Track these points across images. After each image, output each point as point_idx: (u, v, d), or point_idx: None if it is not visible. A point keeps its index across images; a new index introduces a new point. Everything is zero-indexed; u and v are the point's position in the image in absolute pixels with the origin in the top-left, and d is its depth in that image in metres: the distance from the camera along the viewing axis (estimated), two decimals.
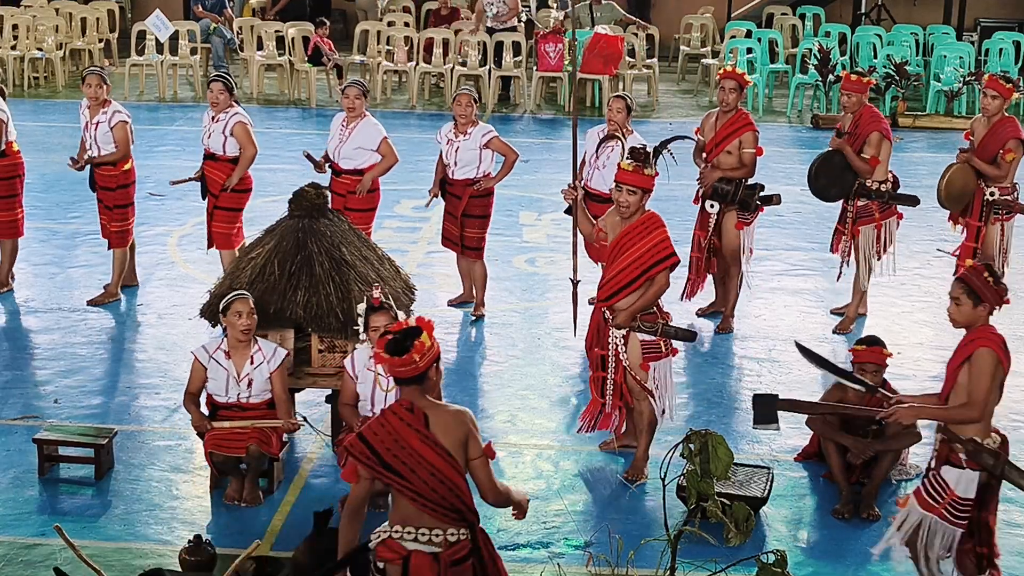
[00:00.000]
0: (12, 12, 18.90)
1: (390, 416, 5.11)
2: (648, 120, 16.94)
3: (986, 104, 9.47)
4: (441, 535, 5.09)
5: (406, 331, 5.13)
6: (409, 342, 5.07)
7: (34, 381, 8.58)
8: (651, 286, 7.16)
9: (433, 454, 5.04)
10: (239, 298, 7.11)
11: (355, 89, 9.70)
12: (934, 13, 21.20)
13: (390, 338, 5.12)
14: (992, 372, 5.84)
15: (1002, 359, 5.87)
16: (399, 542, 5.12)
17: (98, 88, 9.75)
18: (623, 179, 7.19)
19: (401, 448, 5.04)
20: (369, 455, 5.07)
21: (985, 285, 5.94)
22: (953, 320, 6.02)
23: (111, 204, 9.87)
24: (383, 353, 5.09)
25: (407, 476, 5.03)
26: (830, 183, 9.49)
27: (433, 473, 5.02)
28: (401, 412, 5.10)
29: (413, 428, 5.06)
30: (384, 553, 5.14)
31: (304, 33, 18.21)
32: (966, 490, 5.90)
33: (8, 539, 6.59)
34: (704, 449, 5.39)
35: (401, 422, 5.07)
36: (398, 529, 5.12)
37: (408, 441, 5.04)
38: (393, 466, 5.03)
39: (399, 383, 5.15)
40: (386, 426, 5.08)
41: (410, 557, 5.10)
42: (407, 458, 5.03)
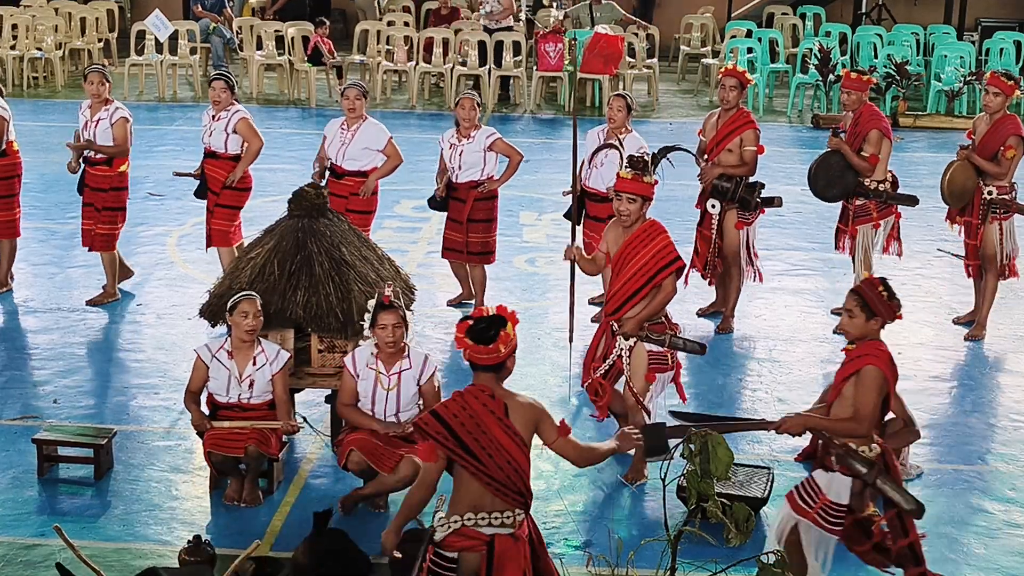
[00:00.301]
0: (12, 12, 18.89)
1: (470, 399, 5.18)
2: (648, 120, 16.94)
3: (988, 101, 9.46)
4: (511, 516, 5.20)
5: (491, 319, 5.21)
6: (495, 331, 5.16)
7: (33, 381, 8.58)
8: (658, 293, 7.14)
9: (510, 442, 5.14)
10: (247, 298, 7.10)
11: (355, 90, 9.69)
12: (934, 13, 21.20)
13: (475, 326, 5.19)
14: (878, 389, 5.87)
15: (888, 376, 5.90)
16: (475, 528, 5.17)
17: (100, 86, 9.73)
18: (622, 188, 7.18)
19: (482, 433, 5.12)
20: (446, 435, 5.12)
21: (879, 299, 5.93)
22: (846, 332, 6.01)
23: (101, 206, 9.83)
24: (466, 339, 5.17)
25: (484, 460, 5.10)
26: (830, 184, 9.48)
27: (509, 461, 5.12)
28: (483, 398, 5.18)
29: (495, 415, 5.15)
30: (460, 542, 5.17)
31: (304, 33, 18.21)
32: (838, 495, 5.85)
33: (8, 539, 6.58)
34: (704, 449, 5.38)
35: (484, 408, 5.15)
36: (471, 516, 5.17)
37: (488, 426, 5.13)
38: (470, 447, 5.10)
39: (477, 369, 5.23)
40: (467, 408, 5.16)
41: (493, 541, 5.15)
42: (486, 443, 5.11)
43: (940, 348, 9.57)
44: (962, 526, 7.02)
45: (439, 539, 5.21)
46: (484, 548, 5.16)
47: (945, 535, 6.91)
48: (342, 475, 7.14)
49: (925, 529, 6.92)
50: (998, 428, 8.28)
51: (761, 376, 8.96)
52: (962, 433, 8.16)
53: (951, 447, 7.96)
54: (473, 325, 5.21)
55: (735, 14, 21.27)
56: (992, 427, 8.29)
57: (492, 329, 5.18)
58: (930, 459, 7.77)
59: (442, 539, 5.21)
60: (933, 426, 8.16)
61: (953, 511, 7.17)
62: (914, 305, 10.43)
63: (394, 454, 6.74)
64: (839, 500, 5.87)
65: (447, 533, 5.19)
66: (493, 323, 5.19)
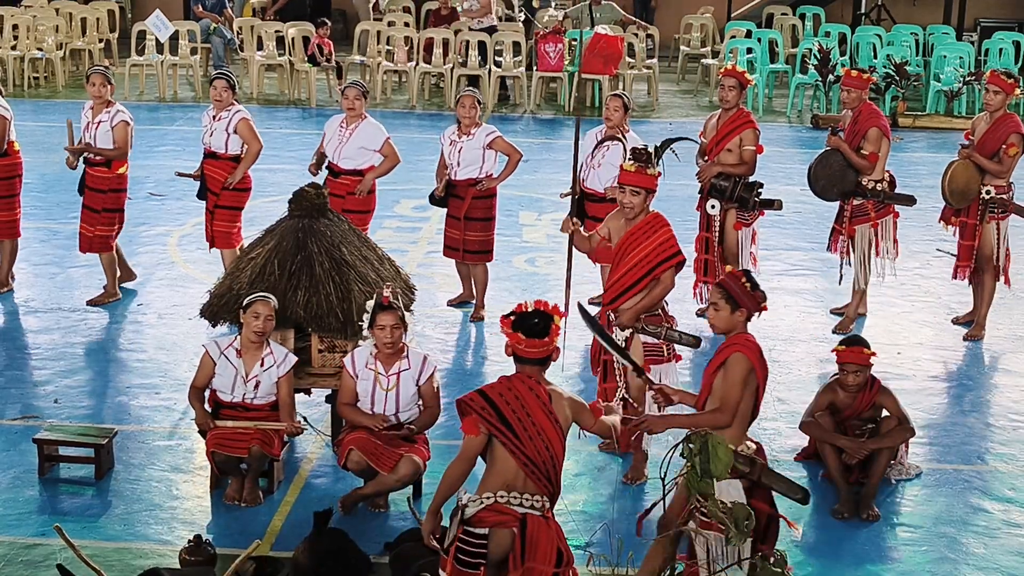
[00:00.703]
0: (12, 12, 18.90)
1: (516, 383, 5.28)
2: (648, 120, 16.95)
3: (988, 100, 9.47)
4: (541, 501, 5.28)
5: (540, 313, 5.29)
6: (546, 324, 5.26)
7: (34, 381, 8.58)
8: (656, 285, 7.14)
9: (552, 428, 5.24)
10: (260, 299, 7.10)
11: (355, 90, 9.70)
12: (934, 13, 21.21)
13: (524, 320, 5.26)
14: (744, 378, 5.80)
15: (756, 367, 5.82)
16: (508, 506, 5.23)
17: (102, 87, 9.74)
18: (626, 180, 7.18)
19: (526, 414, 5.22)
20: (490, 410, 5.20)
21: (743, 291, 5.88)
22: (713, 326, 5.97)
23: (99, 207, 9.84)
24: (518, 333, 5.25)
25: (524, 440, 5.19)
26: (830, 183, 9.49)
27: (547, 446, 5.23)
28: (529, 383, 5.28)
29: (540, 400, 5.25)
30: (493, 517, 5.22)
31: (304, 33, 18.22)
32: (729, 497, 5.72)
33: (8, 539, 6.58)
34: (704, 449, 5.38)
35: (530, 392, 5.26)
36: (503, 493, 5.24)
37: (532, 409, 5.23)
38: (513, 425, 5.19)
39: (522, 362, 5.31)
40: (512, 390, 5.26)
41: (526, 520, 5.22)
42: (528, 425, 5.21)
43: (939, 348, 9.58)
44: (961, 526, 7.03)
45: (470, 515, 5.24)
46: (517, 524, 5.22)
47: (945, 535, 6.92)
48: (342, 475, 7.15)
49: (925, 529, 6.96)
50: (997, 428, 8.28)
51: None
52: (961, 433, 8.17)
53: (950, 447, 7.97)
54: (521, 319, 5.29)
55: (735, 14, 21.28)
56: (991, 427, 8.30)
57: (543, 322, 5.28)
58: (929, 459, 7.77)
59: (473, 515, 5.24)
60: (932, 426, 8.17)
61: (952, 511, 7.18)
62: (913, 305, 10.45)
63: (394, 454, 6.75)
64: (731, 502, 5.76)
65: (479, 508, 5.24)
66: (543, 317, 5.29)
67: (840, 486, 7.15)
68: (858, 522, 7.00)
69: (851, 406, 7.27)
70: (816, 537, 6.91)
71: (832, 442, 7.19)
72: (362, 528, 6.62)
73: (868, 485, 7.14)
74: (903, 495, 7.35)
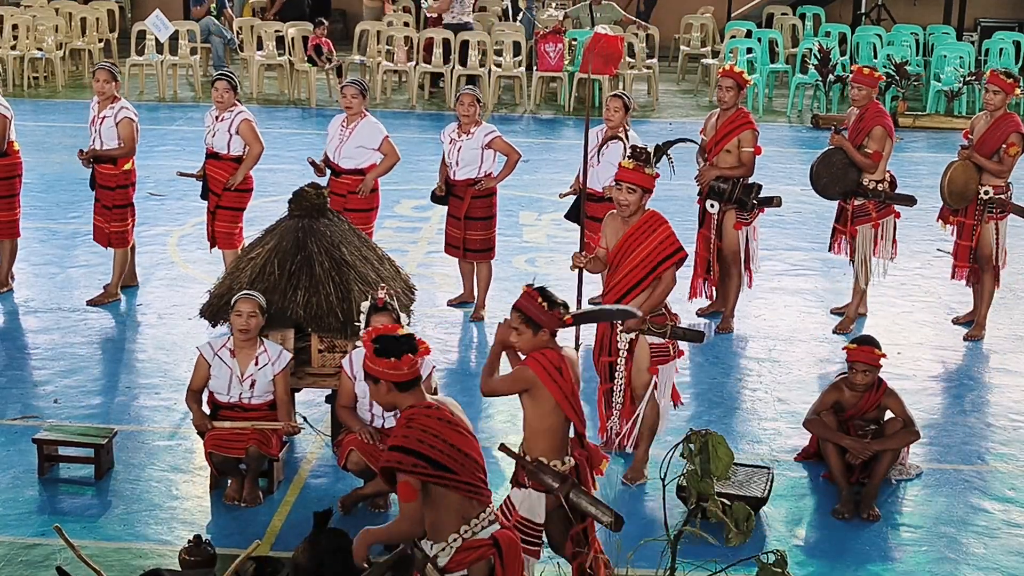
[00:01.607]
0: (12, 12, 18.90)
1: (424, 420, 5.04)
2: (648, 120, 16.95)
3: (988, 99, 9.47)
4: (490, 511, 5.15)
5: (395, 336, 5.10)
6: (407, 342, 5.06)
7: (34, 381, 8.58)
8: (658, 284, 7.13)
9: (467, 441, 5.08)
10: (244, 298, 7.11)
11: (353, 88, 9.69)
12: (934, 13, 21.22)
13: (386, 343, 5.04)
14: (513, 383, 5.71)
15: (544, 380, 5.65)
16: (475, 538, 5.08)
17: (106, 83, 9.74)
18: (623, 177, 7.17)
19: (449, 446, 5.00)
20: (422, 464, 4.96)
21: (540, 311, 5.78)
22: (520, 348, 5.83)
23: (109, 204, 9.86)
24: (379, 359, 5.02)
25: (459, 471, 5.01)
26: (832, 181, 9.48)
27: (475, 461, 5.06)
28: (431, 412, 5.06)
29: (447, 423, 5.05)
30: (468, 556, 5.05)
31: (304, 33, 18.22)
32: (531, 511, 5.72)
33: (8, 539, 6.58)
34: (704, 449, 5.38)
35: (439, 422, 5.04)
36: (466, 528, 5.07)
37: (448, 438, 5.02)
38: (446, 464, 4.99)
39: (402, 388, 5.08)
40: (428, 430, 5.01)
41: (498, 540, 5.09)
42: (456, 454, 5.01)
43: (939, 348, 9.58)
44: (962, 526, 7.02)
45: (443, 565, 5.08)
46: (493, 550, 5.10)
47: (945, 535, 6.92)
48: (342, 475, 7.15)
49: (925, 529, 6.96)
50: (997, 428, 8.28)
51: (761, 376, 8.96)
52: (961, 433, 8.17)
53: (951, 447, 7.97)
54: (383, 346, 5.06)
55: (735, 14, 21.29)
56: (991, 427, 8.29)
57: (403, 341, 5.07)
58: (930, 459, 7.77)
59: (447, 563, 5.08)
60: (932, 426, 8.17)
61: (953, 511, 7.18)
62: (913, 305, 10.45)
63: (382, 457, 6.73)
64: (532, 517, 5.71)
65: (451, 555, 5.07)
66: (400, 337, 5.09)
67: (841, 486, 7.15)
68: (859, 522, 7.00)
69: (856, 406, 7.27)
70: (817, 537, 6.91)
71: (837, 441, 7.19)
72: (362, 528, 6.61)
73: (869, 485, 7.13)
74: (903, 495, 7.35)
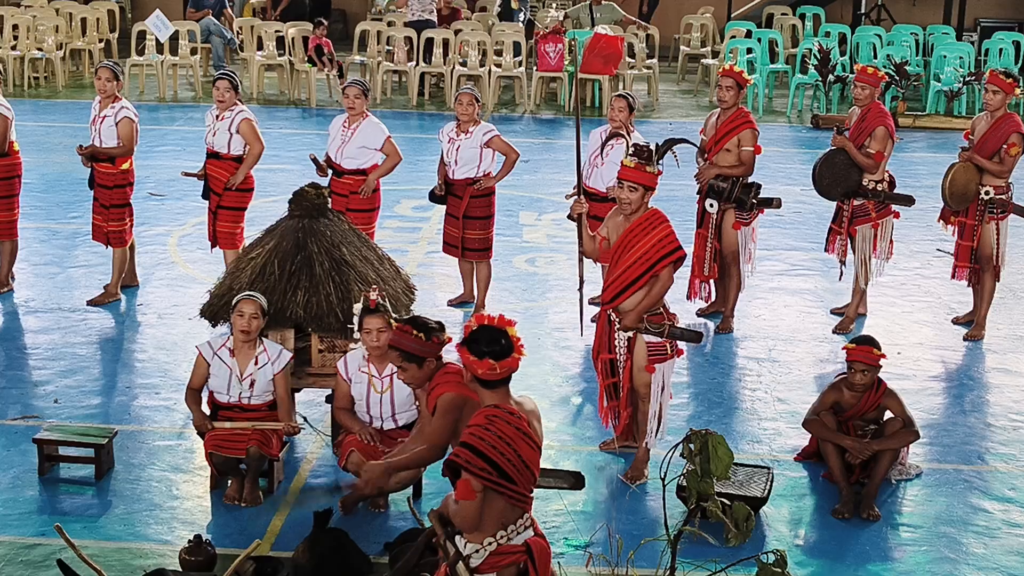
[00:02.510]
0: (12, 12, 18.90)
1: (503, 426, 4.90)
2: (648, 120, 16.95)
3: (988, 99, 9.48)
4: (528, 516, 5.05)
5: (496, 331, 4.99)
6: (509, 341, 4.97)
7: (34, 381, 8.58)
8: (655, 283, 7.13)
9: (536, 456, 4.97)
10: (246, 298, 7.10)
11: (355, 88, 9.69)
12: (934, 13, 21.22)
13: (487, 344, 4.93)
14: (453, 410, 5.67)
15: (466, 393, 5.57)
16: (509, 544, 4.99)
17: (108, 82, 9.73)
18: (624, 175, 7.18)
19: (517, 457, 4.88)
20: (488, 468, 4.85)
21: (416, 344, 5.75)
22: (413, 384, 5.81)
23: (107, 203, 9.86)
24: (487, 360, 4.91)
25: (518, 481, 4.91)
26: (835, 182, 9.48)
27: (533, 474, 4.96)
28: (514, 420, 4.92)
29: (522, 433, 4.91)
30: (501, 561, 4.99)
31: (304, 33, 18.22)
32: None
33: (8, 539, 6.58)
34: (704, 449, 5.38)
35: (515, 430, 4.91)
36: (503, 533, 4.98)
37: (520, 447, 4.89)
38: (510, 474, 4.88)
39: (491, 386, 4.98)
40: (502, 436, 4.88)
41: (531, 547, 5.01)
42: (520, 465, 4.89)
43: (939, 348, 9.58)
44: (962, 526, 7.03)
45: (476, 566, 5.01)
46: (525, 556, 5.02)
47: (945, 535, 6.92)
48: (342, 475, 7.15)
49: (925, 529, 6.96)
50: (997, 428, 8.28)
51: (761, 376, 8.96)
52: (961, 433, 8.17)
53: (950, 447, 7.97)
54: (483, 344, 4.96)
55: (735, 14, 21.29)
56: (991, 427, 8.30)
57: (506, 340, 4.97)
58: (930, 459, 7.78)
59: (479, 565, 5.01)
60: (932, 426, 8.17)
61: (953, 511, 7.18)
62: (913, 305, 10.45)
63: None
64: None
65: (484, 557, 5.00)
66: (502, 334, 4.98)
67: (841, 486, 7.15)
68: (858, 522, 7.00)
69: (855, 406, 7.27)
70: (817, 537, 6.92)
71: (836, 442, 7.19)
72: (362, 528, 6.62)
73: (869, 485, 7.13)
74: (903, 495, 7.35)
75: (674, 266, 7.14)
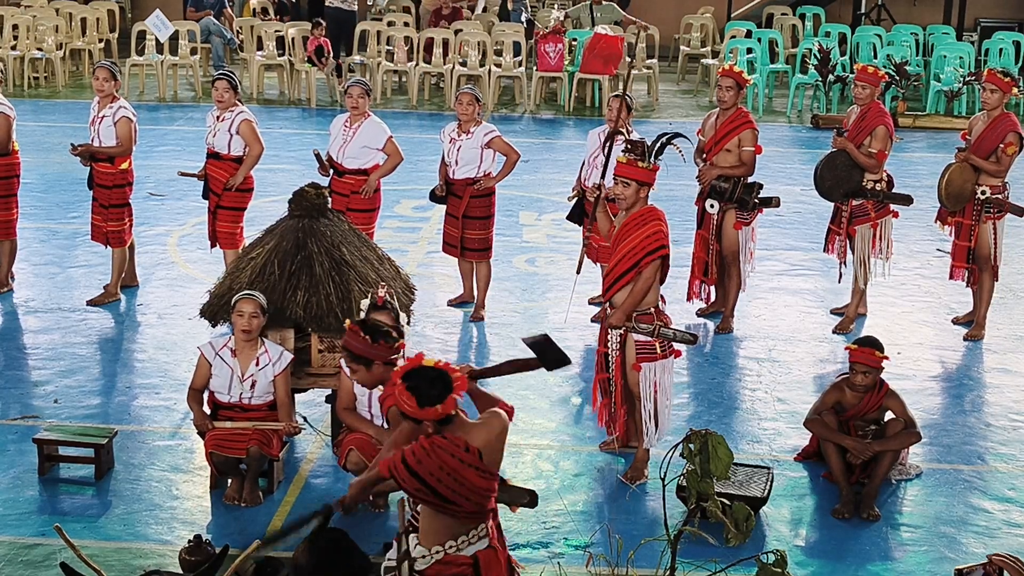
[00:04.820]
0: (12, 12, 18.90)
1: (446, 457, 4.83)
2: (648, 120, 16.95)
3: (986, 98, 9.48)
4: (484, 528, 5.04)
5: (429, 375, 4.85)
6: (439, 391, 4.83)
7: (34, 381, 8.58)
8: (637, 280, 7.12)
9: (487, 482, 4.92)
10: (244, 298, 7.11)
11: (358, 88, 9.69)
12: (934, 13, 21.22)
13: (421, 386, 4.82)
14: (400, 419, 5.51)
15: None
16: (457, 555, 4.99)
17: (105, 82, 9.73)
18: (618, 171, 7.20)
19: (460, 484, 4.85)
20: (424, 489, 4.85)
21: (365, 346, 5.70)
22: (364, 384, 5.77)
23: (106, 203, 9.85)
24: (411, 407, 4.82)
25: (461, 503, 4.89)
26: (836, 183, 9.48)
27: (483, 493, 4.92)
28: (458, 453, 4.85)
29: (469, 464, 4.86)
30: (445, 571, 4.99)
31: (304, 33, 18.21)
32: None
33: (8, 539, 6.58)
34: (704, 449, 5.38)
35: (461, 463, 4.84)
36: (451, 543, 4.98)
37: (465, 477, 4.85)
38: (449, 498, 4.86)
39: (442, 423, 4.88)
40: (445, 467, 4.82)
41: (477, 559, 5.00)
42: (465, 491, 4.86)
43: (939, 348, 9.58)
44: (962, 526, 7.03)
45: (421, 569, 5.04)
46: (469, 569, 5.02)
47: (945, 535, 6.92)
48: (342, 475, 7.15)
49: (925, 529, 6.96)
50: (997, 428, 8.28)
51: (761, 376, 8.96)
52: (961, 433, 8.17)
53: (950, 447, 7.97)
54: (418, 381, 4.83)
55: (735, 14, 21.28)
56: (991, 427, 8.30)
57: (440, 383, 4.83)
58: (929, 459, 7.78)
59: (424, 569, 5.04)
60: (932, 426, 8.17)
61: (952, 511, 7.18)
62: (913, 305, 10.45)
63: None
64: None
65: (429, 564, 5.03)
66: (437, 378, 4.84)
67: (841, 486, 7.15)
68: (859, 522, 7.00)
69: (857, 407, 7.27)
70: (817, 537, 6.92)
71: (838, 442, 7.19)
72: (362, 528, 6.62)
73: (869, 486, 7.13)
74: (903, 495, 7.35)
75: (659, 263, 7.10)
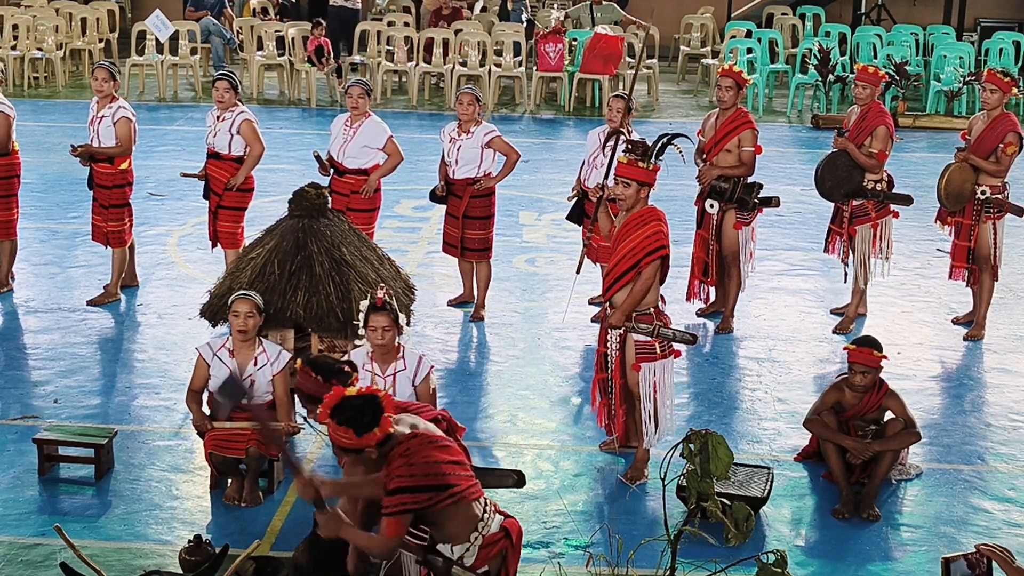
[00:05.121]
0: (12, 12, 18.90)
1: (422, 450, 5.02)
2: (648, 120, 16.95)
3: (985, 98, 9.49)
4: (487, 501, 5.23)
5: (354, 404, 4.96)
6: (371, 416, 4.95)
7: (33, 381, 8.58)
8: (637, 280, 7.13)
9: (454, 451, 5.14)
10: (240, 298, 7.11)
11: (359, 88, 9.69)
12: (934, 13, 21.22)
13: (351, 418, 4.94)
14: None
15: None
16: (490, 533, 5.17)
17: (104, 82, 9.73)
18: (619, 171, 7.20)
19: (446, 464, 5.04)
20: (432, 495, 5.00)
21: (315, 385, 5.83)
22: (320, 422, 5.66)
23: (106, 203, 9.86)
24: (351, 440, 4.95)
25: (456, 482, 5.05)
26: (837, 185, 9.48)
27: (462, 463, 5.13)
28: (421, 440, 5.06)
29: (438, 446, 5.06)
30: (489, 552, 5.14)
31: (304, 33, 18.21)
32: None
33: (8, 539, 6.58)
34: (704, 449, 5.39)
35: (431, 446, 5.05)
36: (483, 524, 5.15)
37: (441, 457, 5.04)
38: (450, 483, 5.02)
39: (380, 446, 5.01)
40: (429, 460, 5.01)
41: (508, 531, 5.19)
42: (450, 469, 5.04)
43: (939, 348, 9.58)
44: (962, 526, 7.03)
45: (470, 564, 5.12)
46: (507, 540, 5.20)
47: (945, 535, 6.92)
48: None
49: (925, 529, 6.96)
50: (997, 428, 8.28)
51: (761, 376, 8.97)
52: (961, 433, 8.17)
53: (950, 447, 7.97)
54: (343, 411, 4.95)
55: (735, 14, 21.29)
56: (991, 427, 8.30)
57: (367, 415, 4.95)
58: (929, 459, 7.78)
59: (473, 562, 5.13)
60: (932, 426, 8.17)
61: (952, 511, 7.18)
62: (913, 305, 10.45)
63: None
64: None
65: (475, 553, 5.13)
66: (363, 409, 4.96)
67: (841, 486, 7.15)
68: (858, 522, 7.00)
69: (857, 407, 7.27)
70: (817, 537, 6.92)
71: (837, 442, 7.19)
72: None
73: (869, 486, 7.13)
74: (903, 495, 7.35)
75: (658, 264, 7.11)
